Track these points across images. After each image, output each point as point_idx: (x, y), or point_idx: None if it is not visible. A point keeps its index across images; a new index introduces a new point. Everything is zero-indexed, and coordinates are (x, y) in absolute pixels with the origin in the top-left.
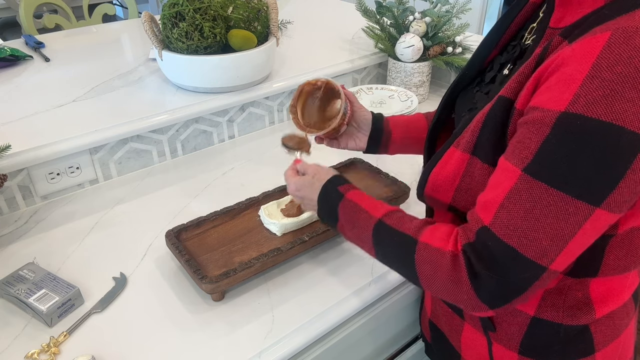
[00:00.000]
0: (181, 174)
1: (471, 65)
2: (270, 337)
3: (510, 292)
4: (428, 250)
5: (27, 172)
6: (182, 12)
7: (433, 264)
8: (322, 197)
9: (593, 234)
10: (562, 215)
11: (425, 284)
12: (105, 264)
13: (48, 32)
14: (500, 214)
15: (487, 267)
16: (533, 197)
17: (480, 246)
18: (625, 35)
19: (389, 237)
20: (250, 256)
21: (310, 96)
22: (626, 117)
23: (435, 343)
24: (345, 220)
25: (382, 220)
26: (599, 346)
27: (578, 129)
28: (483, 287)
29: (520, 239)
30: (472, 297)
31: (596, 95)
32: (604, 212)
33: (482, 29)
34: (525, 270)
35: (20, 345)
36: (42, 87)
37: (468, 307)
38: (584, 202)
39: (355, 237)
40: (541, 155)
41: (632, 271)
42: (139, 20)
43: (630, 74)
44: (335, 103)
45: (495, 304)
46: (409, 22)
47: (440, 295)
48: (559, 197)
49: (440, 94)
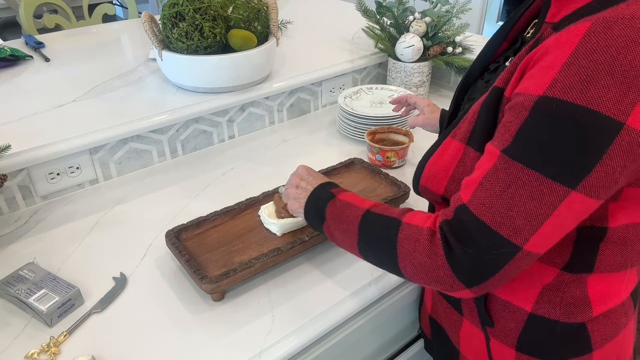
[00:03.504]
0: (181, 174)
1: (481, 58)
2: (270, 337)
3: (485, 270)
4: (409, 228)
5: (27, 172)
6: (182, 12)
7: (412, 239)
8: (311, 197)
9: (570, 217)
10: (537, 195)
11: (404, 263)
12: (105, 264)
13: (48, 32)
14: (478, 192)
15: (461, 243)
16: (510, 176)
17: (457, 223)
18: (605, 24)
19: (376, 222)
20: (250, 256)
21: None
22: (601, 103)
23: (435, 339)
24: (332, 218)
25: (370, 209)
26: (596, 345)
27: (554, 111)
28: (458, 263)
29: (495, 216)
30: (448, 274)
31: (573, 80)
32: (580, 195)
33: (482, 29)
34: (499, 247)
35: (20, 345)
36: (42, 87)
37: (446, 286)
38: (559, 184)
39: (340, 232)
40: (519, 137)
41: (629, 269)
42: (139, 20)
43: (606, 61)
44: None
45: (471, 282)
46: (409, 22)
47: (418, 275)
48: (534, 178)
49: (441, 93)
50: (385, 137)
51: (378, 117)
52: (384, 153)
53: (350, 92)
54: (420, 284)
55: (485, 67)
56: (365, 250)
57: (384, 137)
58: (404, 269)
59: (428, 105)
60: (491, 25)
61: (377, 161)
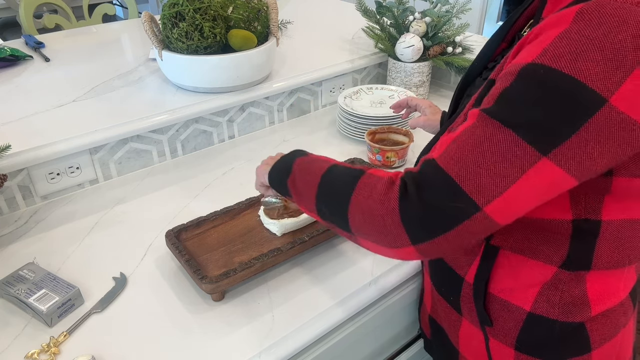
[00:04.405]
0: (181, 174)
1: (480, 58)
2: (270, 337)
3: (435, 224)
4: (371, 177)
5: (27, 172)
6: (182, 12)
7: (369, 186)
8: (282, 157)
9: (537, 187)
10: (509, 155)
11: (353, 211)
12: (105, 264)
13: (48, 32)
14: (450, 147)
15: (419, 189)
16: (485, 133)
17: (421, 173)
18: (598, 4)
19: (340, 172)
20: (250, 256)
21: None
22: (588, 76)
23: (434, 339)
24: (299, 170)
25: (338, 164)
26: (595, 345)
27: (540, 76)
28: (409, 210)
29: (461, 169)
30: (396, 221)
31: (563, 50)
32: (550, 163)
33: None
34: (457, 201)
35: (20, 345)
36: (42, 87)
37: (389, 238)
38: (533, 148)
39: (302, 184)
40: (502, 97)
41: (627, 267)
42: (139, 20)
43: (597, 37)
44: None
45: (416, 236)
46: (409, 22)
47: (363, 224)
48: (510, 137)
49: (441, 93)
50: (385, 137)
51: (378, 117)
52: (384, 153)
53: (350, 92)
54: (363, 240)
55: (484, 67)
56: (322, 199)
57: (384, 137)
58: (352, 218)
59: (430, 106)
60: (491, 25)
61: (377, 161)
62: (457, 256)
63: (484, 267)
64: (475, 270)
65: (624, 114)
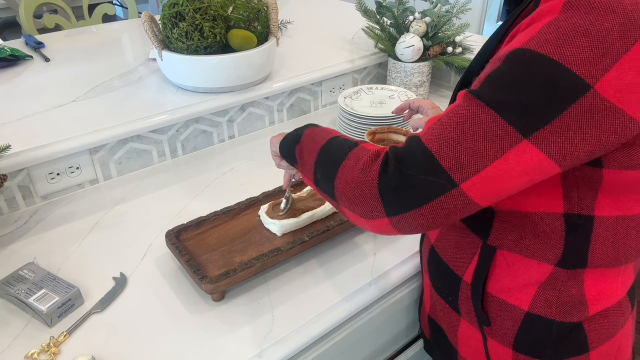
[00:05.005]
0: (181, 174)
1: (478, 57)
2: (270, 337)
3: (410, 196)
4: (361, 150)
5: (27, 172)
6: (182, 12)
7: (357, 157)
8: (296, 129)
9: (516, 170)
10: (490, 135)
11: (339, 179)
12: (105, 264)
13: (48, 32)
14: (434, 125)
15: (399, 162)
16: (469, 112)
17: (403, 149)
18: None
19: (339, 142)
20: (250, 256)
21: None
22: (574, 61)
23: (434, 339)
24: (306, 139)
25: (339, 135)
26: (593, 345)
27: (526, 60)
28: (387, 180)
29: (442, 146)
30: (373, 191)
31: (549, 37)
32: (530, 146)
33: (482, 29)
34: (434, 175)
35: (20, 345)
36: (42, 87)
37: (365, 207)
38: (514, 129)
39: (307, 152)
40: (487, 80)
41: (624, 266)
42: (139, 20)
43: (584, 24)
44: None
45: (391, 207)
46: (409, 22)
47: (344, 191)
48: (492, 117)
49: (441, 93)
50: (385, 137)
51: (378, 117)
52: None
53: (350, 92)
54: (344, 208)
55: (482, 66)
56: (318, 166)
57: (384, 137)
58: (336, 185)
59: (432, 107)
60: (491, 25)
61: None
62: (456, 256)
63: (481, 267)
64: (473, 270)
65: (608, 102)
